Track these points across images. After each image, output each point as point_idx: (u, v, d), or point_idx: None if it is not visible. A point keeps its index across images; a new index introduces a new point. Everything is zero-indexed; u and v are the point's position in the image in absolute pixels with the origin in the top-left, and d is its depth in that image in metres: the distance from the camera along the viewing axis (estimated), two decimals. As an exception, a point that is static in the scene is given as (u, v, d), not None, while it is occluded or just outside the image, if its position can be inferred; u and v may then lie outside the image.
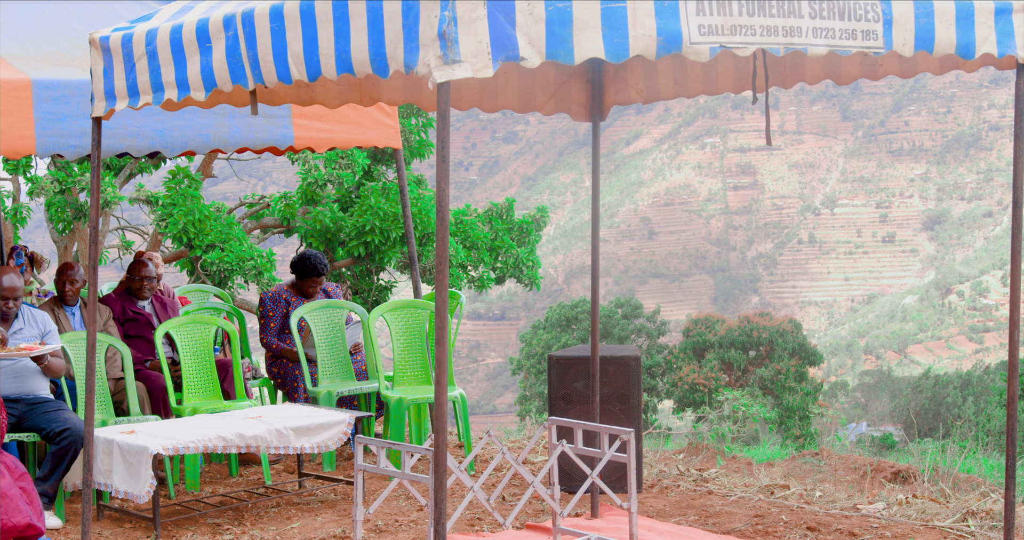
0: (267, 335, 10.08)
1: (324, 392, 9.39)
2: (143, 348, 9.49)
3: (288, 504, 8.35)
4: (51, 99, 8.22)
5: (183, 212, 18.23)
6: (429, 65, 4.91)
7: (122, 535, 7.64)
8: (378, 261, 18.81)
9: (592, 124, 7.87)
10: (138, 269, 9.73)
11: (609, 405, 8.19)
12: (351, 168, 18.56)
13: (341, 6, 5.31)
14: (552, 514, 6.96)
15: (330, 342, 9.74)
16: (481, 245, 19.76)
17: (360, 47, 5.24)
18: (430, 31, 4.89)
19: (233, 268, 17.91)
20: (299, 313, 9.70)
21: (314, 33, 5.46)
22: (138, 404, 8.84)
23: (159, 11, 6.84)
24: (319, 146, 9.63)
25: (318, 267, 10.12)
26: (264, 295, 10.39)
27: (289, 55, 5.60)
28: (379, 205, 18.20)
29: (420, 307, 9.63)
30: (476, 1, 4.85)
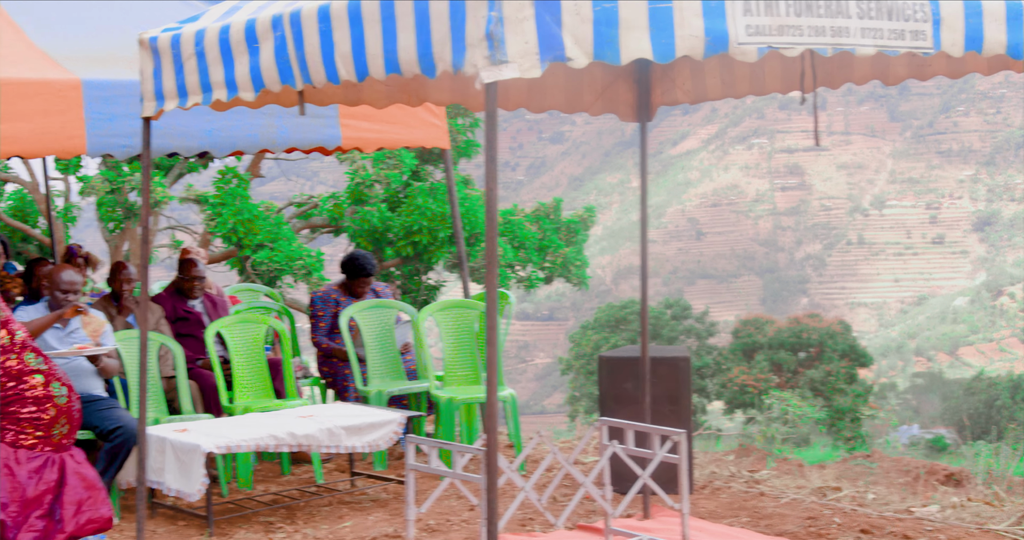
0: (317, 334, 10.12)
1: (375, 391, 9.41)
2: (194, 347, 9.54)
3: (340, 503, 8.38)
4: (101, 99, 8.28)
5: (232, 212, 18.31)
6: (476, 65, 4.91)
7: (176, 533, 7.68)
8: (426, 261, 18.85)
9: (640, 125, 7.85)
10: (188, 268, 9.79)
11: (659, 406, 8.17)
12: (399, 168, 18.60)
13: (388, 6, 5.32)
14: (603, 515, 6.96)
15: (380, 342, 9.76)
16: (529, 245, 19.76)
17: (408, 47, 5.25)
18: (477, 31, 4.89)
19: (282, 267, 17.99)
20: (349, 313, 9.73)
21: (361, 33, 5.47)
22: (190, 402, 8.89)
23: (207, 12, 6.87)
24: (367, 146, 9.65)
25: (367, 267, 10.15)
26: (314, 295, 10.43)
27: (337, 55, 5.61)
28: (427, 205, 18.23)
29: (469, 307, 9.64)
30: (523, 1, 4.85)
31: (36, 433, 4.41)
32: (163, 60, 6.66)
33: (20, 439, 4.39)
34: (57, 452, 4.48)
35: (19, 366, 4.42)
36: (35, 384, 4.43)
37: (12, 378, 4.41)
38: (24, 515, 4.35)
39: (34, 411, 4.42)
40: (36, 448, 4.42)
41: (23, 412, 4.41)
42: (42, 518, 4.39)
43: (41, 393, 4.43)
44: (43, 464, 4.42)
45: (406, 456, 6.29)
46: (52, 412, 4.45)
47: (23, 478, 4.36)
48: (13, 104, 8.00)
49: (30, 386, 4.43)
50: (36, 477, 4.39)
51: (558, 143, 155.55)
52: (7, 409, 4.39)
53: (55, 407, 4.46)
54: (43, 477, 4.40)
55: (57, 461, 4.47)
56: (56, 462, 4.46)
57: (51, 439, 4.45)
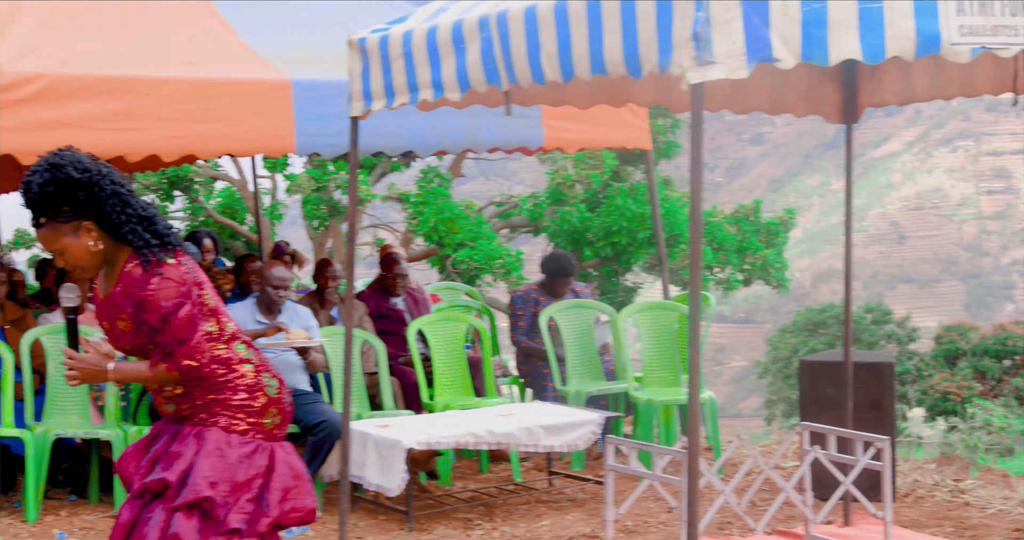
0: (517, 334, 10.18)
1: (573, 391, 9.43)
2: (396, 344, 9.67)
3: (537, 502, 8.41)
4: (310, 99, 8.45)
5: (433, 210, 18.51)
6: (682, 66, 4.89)
7: (376, 527, 7.79)
8: (624, 262, 18.82)
9: (845, 126, 7.73)
10: (392, 266, 9.93)
11: (862, 412, 8.03)
12: (599, 168, 18.61)
13: (595, 7, 5.32)
14: (804, 521, 6.88)
15: (579, 342, 9.78)
16: (728, 246, 19.60)
17: (614, 48, 5.25)
18: (684, 32, 4.87)
19: (482, 266, 18.13)
20: (549, 312, 9.76)
21: (568, 34, 5.48)
22: (392, 399, 9.01)
23: (414, 13, 6.96)
24: (569, 147, 9.67)
25: (567, 267, 10.18)
26: (514, 294, 10.49)
27: (543, 56, 5.63)
28: (626, 206, 18.20)
29: (669, 308, 9.60)
30: (730, 1, 4.82)
31: (248, 419, 4.53)
32: (371, 61, 6.77)
33: (232, 425, 4.51)
34: (268, 441, 4.59)
35: (228, 355, 4.53)
36: (245, 373, 4.54)
37: (222, 365, 4.53)
38: (234, 497, 4.46)
39: (245, 398, 4.53)
40: (248, 434, 4.53)
41: (235, 399, 4.53)
42: (251, 502, 4.50)
43: (252, 381, 4.54)
44: (254, 450, 4.53)
45: (605, 456, 6.29)
46: (263, 400, 4.55)
47: (233, 461, 4.47)
48: (226, 104, 8.21)
49: (240, 375, 4.54)
50: (247, 461, 4.50)
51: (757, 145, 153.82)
52: (220, 395, 4.52)
53: (265, 396, 4.56)
54: (253, 462, 4.51)
55: (267, 449, 4.57)
56: (266, 450, 4.57)
57: (262, 427, 4.56)
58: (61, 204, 4.35)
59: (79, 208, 4.37)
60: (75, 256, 4.43)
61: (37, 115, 7.71)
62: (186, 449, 4.49)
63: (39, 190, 4.34)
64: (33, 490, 7.85)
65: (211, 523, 4.46)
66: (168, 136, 8.05)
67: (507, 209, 21.56)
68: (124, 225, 4.39)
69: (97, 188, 4.35)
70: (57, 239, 4.41)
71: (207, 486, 4.42)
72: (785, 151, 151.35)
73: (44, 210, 4.37)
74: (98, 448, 8.41)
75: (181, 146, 8.16)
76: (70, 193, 4.34)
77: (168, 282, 4.36)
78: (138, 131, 7.97)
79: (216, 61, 8.48)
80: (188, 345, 4.40)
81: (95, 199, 4.36)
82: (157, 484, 4.46)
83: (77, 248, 4.41)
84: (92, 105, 7.87)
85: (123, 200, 4.40)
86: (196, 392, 4.53)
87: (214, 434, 4.50)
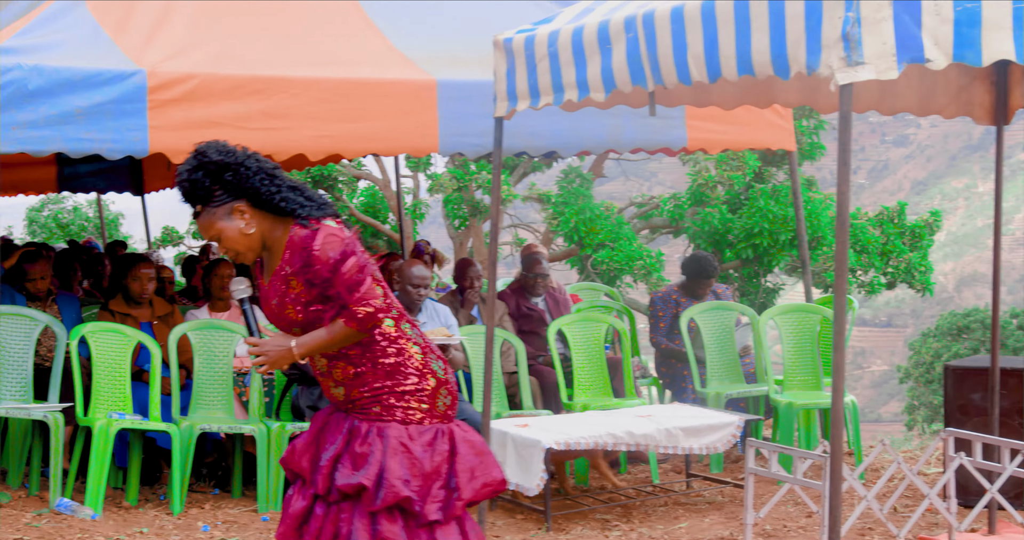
0: (657, 335, 10.15)
1: (713, 393, 9.38)
2: (535, 344, 9.69)
3: (675, 504, 8.38)
4: (454, 99, 8.50)
5: (574, 211, 18.54)
6: (831, 67, 4.84)
7: (514, 525, 7.82)
8: (766, 264, 18.67)
9: (996, 128, 7.59)
10: (533, 266, 9.95)
11: (1008, 419, 7.89)
12: (742, 170, 18.49)
13: (742, 7, 5.29)
14: (947, 528, 6.77)
15: (720, 344, 9.72)
16: (872, 249, 19.33)
17: (761, 48, 5.22)
18: (833, 32, 4.83)
19: (622, 267, 18.11)
20: (689, 314, 9.72)
21: (715, 34, 5.46)
22: (531, 398, 9.04)
23: (560, 13, 6.98)
24: (712, 148, 9.62)
25: (709, 269, 10.12)
26: (655, 295, 10.47)
27: (689, 56, 5.61)
28: (768, 207, 18.05)
29: (811, 311, 9.51)
30: (881, 1, 4.76)
31: (422, 406, 4.57)
32: (517, 61, 6.80)
33: (409, 415, 4.56)
34: (444, 423, 4.64)
35: (397, 333, 4.59)
36: (413, 354, 4.60)
37: (391, 342, 4.58)
38: (426, 487, 4.53)
39: (416, 382, 4.58)
40: (424, 422, 4.58)
41: (406, 384, 4.58)
42: (442, 488, 4.57)
43: (420, 363, 4.59)
44: (434, 436, 4.59)
45: (746, 459, 6.25)
46: (432, 382, 4.60)
47: (419, 453, 4.53)
48: (372, 104, 8.30)
49: (409, 356, 4.60)
50: (430, 450, 4.56)
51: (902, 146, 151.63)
52: (391, 381, 4.57)
53: (435, 378, 4.61)
54: (436, 449, 4.57)
55: (446, 431, 4.63)
56: (445, 433, 4.62)
57: (436, 410, 4.61)
58: (212, 188, 4.47)
59: (229, 189, 4.48)
60: (231, 239, 4.53)
61: (187, 115, 7.86)
62: (372, 449, 4.54)
63: (189, 177, 4.48)
64: (178, 483, 8.00)
65: (412, 518, 4.55)
66: (315, 135, 8.15)
67: (648, 210, 21.51)
68: (276, 195, 4.48)
69: (243, 168, 4.47)
70: (213, 225, 4.52)
71: (403, 485, 4.49)
72: (930, 153, 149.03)
73: (198, 197, 4.50)
74: (242, 443, 8.55)
75: (327, 145, 8.27)
76: (217, 176, 4.46)
77: (332, 236, 4.44)
78: (285, 130, 8.09)
79: (362, 61, 8.58)
80: (359, 291, 4.44)
81: (242, 178, 4.47)
82: (352, 488, 4.52)
83: (232, 231, 4.51)
84: (241, 105, 8.00)
85: (270, 175, 4.50)
86: (369, 375, 4.58)
87: (394, 430, 4.55)
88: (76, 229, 26.20)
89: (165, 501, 8.26)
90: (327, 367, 4.67)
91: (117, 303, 8.90)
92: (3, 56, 7.52)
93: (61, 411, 8.02)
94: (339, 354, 4.60)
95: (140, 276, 8.87)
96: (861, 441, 9.41)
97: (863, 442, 9.60)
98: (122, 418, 8.01)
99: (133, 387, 8.39)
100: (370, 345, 4.58)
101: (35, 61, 7.58)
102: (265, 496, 8.12)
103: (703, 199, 19.04)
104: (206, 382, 8.43)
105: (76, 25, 8.11)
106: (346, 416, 4.67)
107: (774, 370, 9.58)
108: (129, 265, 8.96)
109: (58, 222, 26.85)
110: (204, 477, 8.89)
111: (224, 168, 4.46)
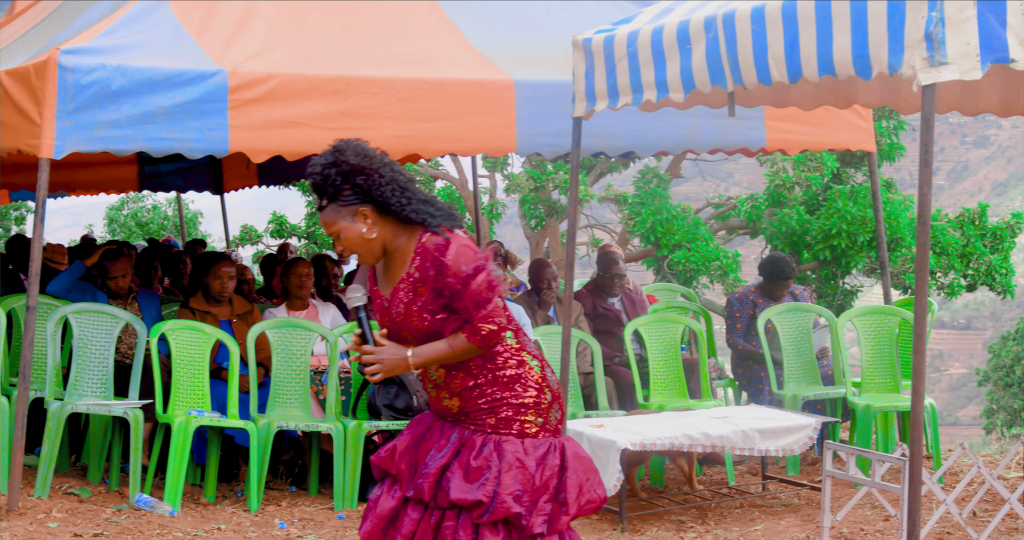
0: (734, 336, 10.11)
1: (790, 395, 9.32)
2: (611, 344, 9.68)
3: (751, 506, 8.34)
4: (532, 99, 8.52)
5: (651, 211, 18.51)
6: (914, 67, 4.81)
7: (589, 526, 7.81)
8: (843, 265, 18.55)
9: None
10: (610, 266, 9.94)
11: (1091, 423, 7.79)
12: (820, 170, 18.38)
13: (824, 7, 5.27)
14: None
15: (797, 345, 9.66)
16: (951, 251, 19.16)
17: (843, 48, 5.19)
18: (916, 32, 4.79)
19: (698, 268, 18.06)
20: (766, 315, 9.67)
21: (796, 34, 5.44)
22: (606, 399, 9.03)
23: (639, 14, 6.98)
24: (790, 148, 9.57)
25: (786, 270, 10.06)
26: (732, 296, 10.42)
27: (770, 56, 5.59)
28: (847, 208, 17.93)
29: (890, 313, 9.43)
30: (965, 1, 4.72)
31: (538, 420, 4.57)
32: (595, 61, 6.80)
33: (525, 428, 4.55)
34: (555, 437, 4.65)
35: (518, 345, 4.59)
36: (533, 367, 4.60)
37: (513, 354, 4.58)
38: (533, 501, 4.54)
39: (535, 395, 4.57)
40: (538, 435, 4.59)
41: (525, 396, 4.56)
42: (549, 502, 4.57)
43: (539, 376, 4.59)
44: (546, 451, 4.58)
45: (823, 462, 6.21)
46: (548, 396, 4.60)
47: (532, 469, 4.53)
48: (450, 104, 8.33)
49: (529, 368, 4.60)
50: (543, 465, 4.56)
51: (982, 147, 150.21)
52: (509, 392, 4.57)
53: (550, 391, 4.61)
54: (548, 463, 4.57)
55: (558, 446, 4.63)
56: (557, 447, 4.62)
57: (549, 424, 4.61)
58: (341, 187, 4.48)
59: (358, 192, 4.48)
60: (350, 241, 4.54)
61: (267, 114, 7.93)
62: (489, 464, 4.51)
63: (322, 172, 4.49)
64: (255, 480, 8.06)
65: (516, 531, 4.53)
66: (393, 135, 8.18)
67: (725, 210, 21.43)
68: (406, 207, 4.49)
69: (377, 175, 4.47)
70: (335, 222, 4.52)
71: (513, 502, 4.47)
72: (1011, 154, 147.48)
73: (326, 193, 4.51)
74: (318, 441, 8.60)
75: (406, 145, 8.30)
76: (349, 177, 4.47)
77: (466, 248, 4.43)
78: (364, 130, 8.11)
79: (441, 61, 8.61)
80: (486, 309, 4.42)
81: (374, 185, 4.47)
82: (468, 503, 4.50)
83: (352, 233, 4.51)
84: (320, 104, 8.05)
85: (401, 186, 4.50)
86: (488, 386, 4.55)
87: (511, 445, 4.52)
88: (155, 228, 26.49)
89: (242, 498, 8.33)
90: (444, 378, 4.62)
91: (197, 301, 8.98)
92: (87, 56, 7.61)
93: (141, 408, 8.10)
94: (459, 365, 4.57)
95: (220, 274, 8.95)
96: (940, 444, 9.33)
97: (941, 446, 9.51)
98: (201, 415, 8.08)
99: (212, 385, 8.47)
100: (492, 357, 4.54)
101: (119, 61, 7.67)
102: (341, 494, 8.16)
103: (781, 200, 18.95)
104: (284, 380, 8.49)
105: (159, 25, 8.19)
106: (453, 425, 4.65)
107: (852, 372, 9.51)
108: (210, 263, 9.04)
109: (137, 221, 27.16)
110: (281, 474, 8.95)
111: (358, 172, 4.46)
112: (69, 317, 8.32)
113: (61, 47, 7.58)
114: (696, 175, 27.32)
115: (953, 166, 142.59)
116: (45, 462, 7.91)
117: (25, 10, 10.35)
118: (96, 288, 9.12)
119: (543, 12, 9.43)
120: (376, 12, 8.99)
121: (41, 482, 7.89)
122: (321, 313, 9.49)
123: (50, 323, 8.21)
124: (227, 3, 8.56)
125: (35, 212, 7.76)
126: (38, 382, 8.33)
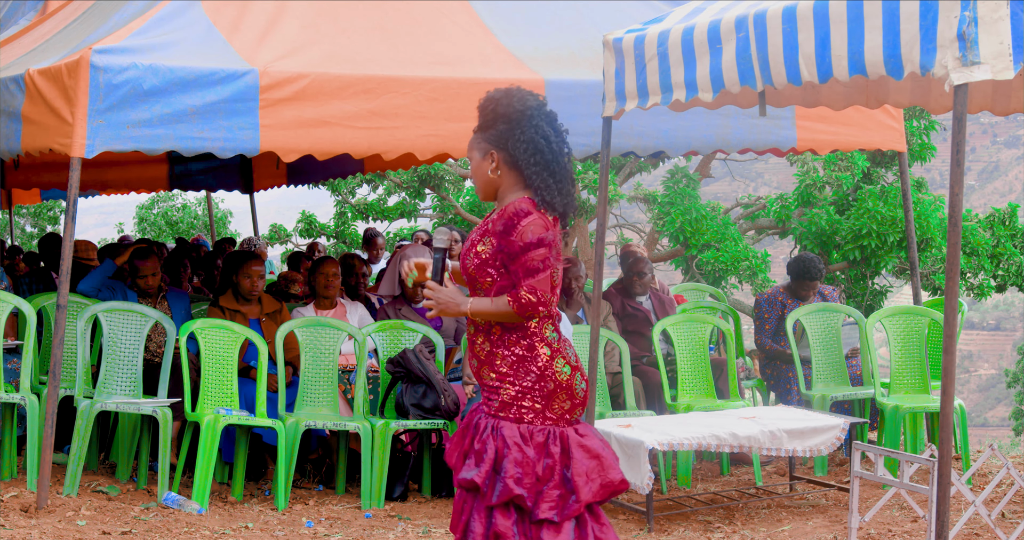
0: (762, 336, 10.08)
1: (818, 396, 9.30)
2: (639, 344, 9.67)
3: (778, 506, 8.32)
4: (562, 99, 8.47)
5: (680, 211, 18.48)
6: (946, 67, 4.80)
7: (616, 526, 7.80)
8: (873, 265, 18.48)
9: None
10: (636, 266, 9.93)
11: (1122, 425, 7.75)
12: (850, 170, 18.32)
13: (856, 6, 5.25)
14: (1057, 535, 6.66)
15: (825, 346, 9.64)
16: (982, 252, 19.05)
17: (874, 48, 5.17)
18: (949, 32, 4.78)
19: (727, 268, 18.02)
20: (795, 315, 9.65)
21: (827, 34, 5.42)
22: (634, 398, 9.02)
23: (670, 13, 6.97)
24: (821, 148, 9.55)
25: (814, 270, 10.04)
26: (760, 296, 10.40)
27: (800, 56, 5.58)
28: (877, 209, 17.86)
29: (920, 314, 9.40)
30: (999, 1, 4.70)
31: (535, 406, 4.67)
32: (626, 61, 6.79)
33: (523, 414, 4.67)
34: (557, 426, 4.72)
35: (534, 329, 4.72)
36: (541, 354, 4.68)
37: (525, 336, 4.69)
38: (538, 489, 4.64)
39: (534, 380, 4.69)
40: (535, 422, 4.68)
41: (525, 379, 4.69)
42: (556, 488, 4.67)
43: (543, 364, 4.67)
44: (546, 439, 4.68)
45: (851, 462, 6.20)
46: (551, 386, 4.69)
47: (532, 454, 4.64)
48: (481, 103, 8.32)
49: (536, 355, 4.69)
50: (543, 452, 4.67)
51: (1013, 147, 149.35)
52: (515, 370, 4.67)
53: (554, 382, 4.69)
54: (548, 451, 4.68)
55: (558, 434, 4.71)
56: (557, 435, 4.71)
57: (550, 412, 4.69)
58: (491, 124, 4.73)
59: (497, 136, 4.70)
60: (476, 171, 4.81)
61: (298, 114, 7.94)
62: (487, 447, 4.70)
63: (485, 105, 4.74)
64: (283, 479, 8.07)
65: (525, 515, 4.69)
66: (423, 135, 8.20)
67: (754, 210, 21.38)
68: (530, 168, 4.66)
69: (519, 130, 4.67)
70: (472, 149, 4.79)
71: (515, 484, 4.63)
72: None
73: (481, 120, 4.76)
74: (346, 440, 8.61)
75: (436, 145, 8.31)
76: (498, 120, 4.70)
77: (539, 221, 4.61)
78: (395, 129, 8.15)
79: (471, 61, 8.61)
80: (535, 278, 4.59)
81: (511, 137, 4.67)
82: (467, 483, 4.71)
83: (480, 166, 4.77)
84: (351, 104, 8.07)
85: (537, 149, 4.66)
86: (498, 359, 4.69)
87: (508, 430, 4.67)
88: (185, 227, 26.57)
89: (270, 497, 8.35)
90: (474, 333, 4.82)
91: (227, 299, 9.00)
92: (119, 56, 7.64)
93: (169, 406, 8.13)
94: (487, 326, 4.75)
95: (251, 273, 8.96)
96: (969, 446, 9.29)
97: (970, 447, 9.47)
98: (229, 414, 8.10)
99: (240, 383, 8.49)
100: (510, 331, 4.71)
101: (150, 61, 7.69)
102: (369, 493, 8.17)
103: (810, 200, 18.89)
104: (312, 379, 8.51)
105: (191, 25, 8.22)
106: (475, 410, 4.84)
107: (881, 373, 9.48)
108: (240, 262, 9.06)
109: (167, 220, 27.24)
110: (309, 473, 8.97)
111: (504, 118, 4.68)
112: (99, 315, 8.35)
113: (93, 47, 7.61)
114: (725, 175, 27.25)
115: (984, 166, 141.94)
116: (74, 460, 7.94)
117: (58, 10, 10.38)
118: (126, 287, 9.16)
119: (574, 12, 9.43)
120: (407, 12, 9.00)
121: (70, 480, 7.93)
122: (349, 312, 9.51)
123: (80, 321, 8.24)
124: (259, 3, 8.58)
125: (66, 211, 7.78)
126: (68, 380, 8.37)
